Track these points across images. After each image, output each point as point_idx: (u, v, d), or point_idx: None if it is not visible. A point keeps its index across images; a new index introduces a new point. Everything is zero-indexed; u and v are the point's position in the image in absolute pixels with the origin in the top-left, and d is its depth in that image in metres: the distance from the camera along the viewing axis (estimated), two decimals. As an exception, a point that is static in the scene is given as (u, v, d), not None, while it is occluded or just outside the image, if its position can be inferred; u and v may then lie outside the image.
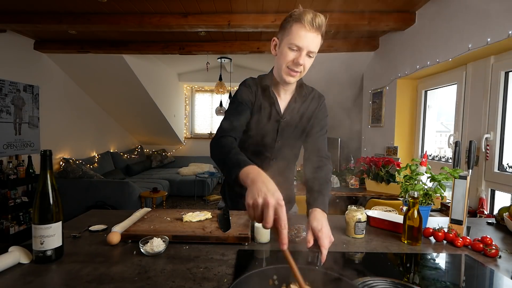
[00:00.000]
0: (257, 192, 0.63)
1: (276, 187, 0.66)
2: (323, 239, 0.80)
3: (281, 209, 0.61)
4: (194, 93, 7.16)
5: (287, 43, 0.99)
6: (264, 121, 1.15)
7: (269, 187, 0.64)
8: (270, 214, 0.60)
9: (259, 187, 0.64)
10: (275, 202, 0.61)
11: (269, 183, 0.66)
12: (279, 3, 2.53)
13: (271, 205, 0.60)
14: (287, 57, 1.01)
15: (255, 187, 0.65)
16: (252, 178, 0.69)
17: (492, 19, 1.76)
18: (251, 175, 0.70)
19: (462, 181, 1.10)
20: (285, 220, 0.61)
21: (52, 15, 2.78)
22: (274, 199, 0.61)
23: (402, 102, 2.91)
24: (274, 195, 0.62)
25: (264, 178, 0.68)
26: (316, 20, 0.94)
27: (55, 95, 4.18)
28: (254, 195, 0.63)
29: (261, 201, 0.62)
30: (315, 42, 0.98)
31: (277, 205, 0.61)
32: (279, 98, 1.16)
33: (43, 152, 0.82)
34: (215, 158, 0.92)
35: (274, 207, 0.61)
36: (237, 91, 1.16)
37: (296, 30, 0.96)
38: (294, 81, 1.08)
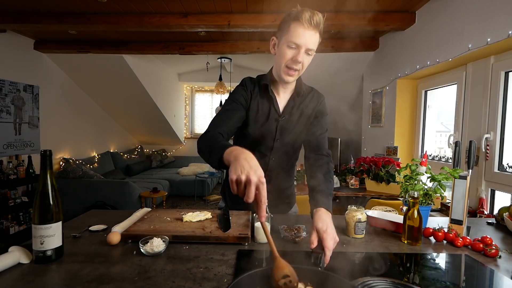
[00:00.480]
0: (240, 168, 0.66)
1: (258, 163, 0.68)
2: (328, 241, 0.80)
3: (262, 186, 0.65)
4: (194, 93, 7.16)
5: (286, 41, 1.00)
6: (263, 120, 1.15)
7: (252, 164, 0.66)
8: (252, 190, 0.64)
9: (242, 164, 0.67)
10: (257, 179, 0.64)
11: (252, 160, 0.68)
12: (279, 3, 2.53)
13: (253, 182, 0.64)
14: (286, 55, 1.01)
15: (238, 163, 0.67)
16: (235, 154, 0.71)
17: (492, 19, 1.76)
18: (234, 152, 0.73)
19: (462, 181, 1.10)
20: (265, 196, 0.65)
21: (52, 15, 2.78)
22: (256, 176, 0.64)
23: (402, 102, 2.91)
24: (256, 172, 0.65)
25: (247, 155, 0.70)
26: (314, 18, 0.95)
27: (55, 95, 4.18)
28: (237, 171, 0.66)
29: (244, 178, 0.64)
30: (313, 40, 0.99)
31: (259, 182, 0.64)
32: (278, 97, 1.16)
33: (43, 152, 0.82)
34: (202, 150, 0.94)
35: (256, 184, 0.64)
36: (233, 91, 1.17)
37: (294, 28, 0.97)
38: (293, 80, 1.09)
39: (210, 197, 5.41)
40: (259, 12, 2.70)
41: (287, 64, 1.03)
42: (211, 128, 1.02)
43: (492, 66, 1.91)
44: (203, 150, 0.93)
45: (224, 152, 0.76)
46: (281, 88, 1.16)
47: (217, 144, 0.85)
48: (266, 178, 0.67)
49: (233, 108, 1.10)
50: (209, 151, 0.87)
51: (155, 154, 6.64)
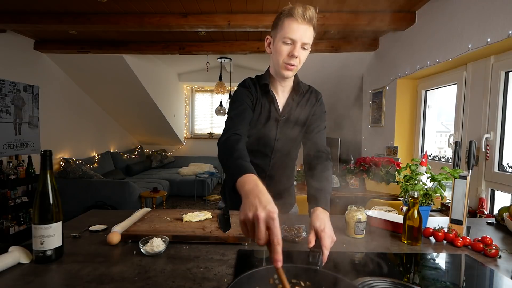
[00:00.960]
0: (248, 207, 0.60)
1: (271, 199, 0.61)
2: (326, 239, 0.80)
3: (273, 222, 0.56)
4: (194, 93, 7.16)
5: (281, 38, 1.01)
6: (263, 120, 1.15)
7: (261, 200, 0.60)
8: (261, 228, 0.56)
9: (251, 201, 0.61)
10: (265, 216, 0.57)
11: (263, 195, 0.62)
12: (279, 3, 2.53)
13: (261, 219, 0.56)
14: (283, 52, 1.02)
15: (248, 201, 0.61)
16: (246, 191, 0.65)
17: (492, 19, 1.76)
18: (246, 187, 0.66)
19: (462, 181, 1.10)
20: (278, 235, 0.56)
21: (52, 15, 2.78)
22: (264, 212, 0.57)
23: (402, 102, 2.91)
24: (266, 208, 0.58)
25: (258, 191, 0.64)
26: (307, 13, 0.97)
27: (55, 95, 4.18)
28: (245, 210, 0.60)
29: (251, 216, 0.58)
30: (308, 34, 1.00)
31: (268, 218, 0.57)
32: (277, 97, 1.16)
33: (43, 152, 0.82)
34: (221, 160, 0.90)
35: (265, 221, 0.57)
36: (237, 92, 1.16)
37: (288, 24, 0.99)
38: (292, 74, 1.09)
39: (210, 197, 5.41)
40: (259, 12, 2.70)
41: (285, 60, 1.04)
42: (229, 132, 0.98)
43: (492, 66, 1.91)
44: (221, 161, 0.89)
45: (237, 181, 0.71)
46: (280, 87, 1.16)
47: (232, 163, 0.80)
48: (267, 178, 0.66)
49: (245, 110, 1.08)
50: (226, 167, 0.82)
51: (155, 154, 6.64)
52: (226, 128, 1.02)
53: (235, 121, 1.03)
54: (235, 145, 0.89)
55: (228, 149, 0.88)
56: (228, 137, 0.94)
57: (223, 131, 1.01)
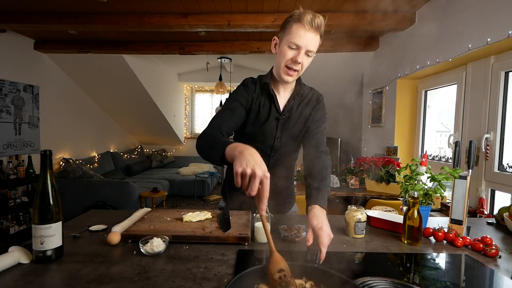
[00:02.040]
0: (246, 162, 0.67)
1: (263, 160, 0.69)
2: (323, 238, 0.80)
3: (266, 180, 0.66)
4: (194, 93, 7.16)
5: (287, 42, 1.02)
6: (263, 119, 1.16)
7: (256, 160, 0.68)
8: (257, 183, 0.65)
9: (248, 158, 0.68)
10: (262, 174, 0.65)
11: (257, 155, 0.69)
12: (279, 3, 2.53)
13: (258, 176, 0.65)
14: (286, 56, 1.04)
15: (243, 157, 0.68)
16: (240, 149, 0.72)
17: (492, 19, 1.76)
18: (239, 148, 0.73)
19: (462, 181, 1.10)
20: (267, 190, 0.66)
21: (52, 15, 2.78)
22: (261, 171, 0.66)
23: (402, 102, 2.91)
24: (261, 167, 0.66)
25: (252, 150, 0.71)
26: (315, 21, 0.98)
27: (55, 95, 4.18)
28: (243, 164, 0.67)
29: (249, 171, 0.65)
30: (314, 42, 1.01)
31: (263, 177, 0.66)
32: (278, 96, 1.17)
33: (43, 152, 0.82)
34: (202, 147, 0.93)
35: (260, 178, 0.65)
36: (234, 91, 1.18)
37: (296, 30, 0.99)
38: (292, 80, 1.11)
39: (210, 197, 5.41)
40: (259, 12, 2.70)
41: (287, 64, 1.05)
42: (212, 126, 1.02)
43: (492, 66, 1.91)
44: (203, 146, 0.93)
45: (227, 147, 0.77)
46: (281, 88, 1.17)
47: (218, 140, 0.87)
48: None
49: (234, 107, 1.11)
50: (209, 147, 0.88)
51: (155, 154, 6.64)
52: (212, 122, 1.05)
53: (220, 119, 1.06)
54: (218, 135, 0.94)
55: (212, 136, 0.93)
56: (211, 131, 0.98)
57: (209, 124, 1.04)
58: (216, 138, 0.90)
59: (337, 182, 2.88)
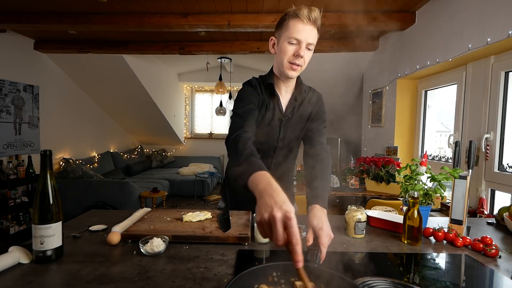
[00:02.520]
0: (264, 207, 0.59)
1: (286, 198, 0.60)
2: (323, 238, 0.80)
3: (290, 223, 0.55)
4: (194, 93, 7.16)
5: (287, 38, 1.02)
6: (268, 120, 1.15)
7: (276, 200, 0.59)
8: (279, 229, 0.55)
9: (266, 201, 0.60)
10: (282, 216, 0.56)
11: (277, 195, 0.60)
12: (279, 3, 2.53)
13: (278, 220, 0.55)
14: (288, 52, 1.03)
15: (263, 202, 0.60)
16: (260, 190, 0.64)
17: (492, 19, 1.76)
18: (260, 186, 0.65)
19: (462, 181, 1.10)
20: (296, 235, 0.55)
21: (52, 15, 2.78)
22: (281, 212, 0.56)
23: (402, 102, 2.91)
24: (282, 208, 0.57)
25: (272, 190, 0.62)
26: (312, 14, 0.99)
27: (55, 95, 4.17)
28: (261, 210, 0.59)
29: (267, 216, 0.57)
30: (313, 35, 1.02)
31: (285, 218, 0.55)
32: (281, 97, 1.17)
33: (43, 152, 0.82)
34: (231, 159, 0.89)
35: (281, 221, 0.55)
36: (244, 91, 1.14)
37: (294, 25, 1.00)
38: (296, 74, 1.10)
39: (210, 197, 5.41)
40: (259, 12, 2.70)
41: (290, 60, 1.05)
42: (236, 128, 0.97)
43: (492, 66, 1.91)
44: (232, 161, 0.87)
45: (250, 179, 0.70)
46: (283, 88, 1.16)
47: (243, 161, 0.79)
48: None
49: (252, 109, 1.07)
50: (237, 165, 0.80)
51: (155, 154, 6.64)
52: (234, 126, 0.99)
53: (243, 119, 1.02)
54: (246, 143, 0.88)
55: (238, 147, 0.86)
56: (237, 135, 0.92)
57: (231, 130, 0.99)
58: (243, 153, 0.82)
59: (337, 182, 2.88)
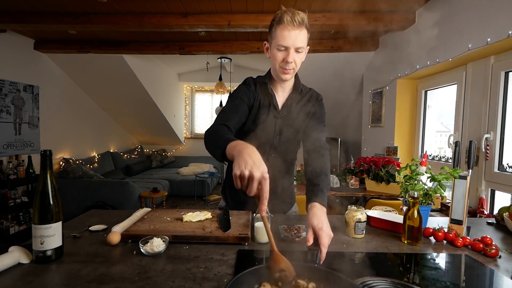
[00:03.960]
0: (244, 164, 0.66)
1: (262, 159, 0.68)
2: (324, 238, 0.80)
3: (265, 181, 0.65)
4: (194, 93, 7.16)
5: (275, 45, 1.06)
6: (262, 117, 1.17)
7: (255, 160, 0.66)
8: (255, 186, 0.64)
9: (245, 159, 0.67)
10: (260, 175, 0.64)
11: (255, 155, 0.68)
12: (279, 3, 2.53)
13: (256, 178, 0.64)
14: (278, 58, 1.07)
15: (242, 158, 0.67)
16: (238, 149, 0.71)
17: (492, 19, 1.76)
18: (238, 147, 0.73)
19: (462, 181, 1.10)
20: (267, 191, 0.65)
21: (53, 15, 2.78)
22: (259, 172, 0.64)
23: (402, 102, 2.91)
24: (260, 168, 0.65)
25: (250, 150, 0.70)
26: (296, 18, 1.00)
27: (55, 95, 4.17)
28: (241, 166, 0.66)
29: (247, 173, 0.65)
30: (300, 38, 1.03)
31: (262, 178, 0.65)
32: (277, 95, 1.20)
33: (43, 152, 0.82)
34: (207, 143, 0.94)
35: (258, 179, 0.64)
36: (236, 89, 1.20)
37: (280, 32, 1.02)
38: (290, 77, 1.13)
39: (210, 197, 5.41)
40: (259, 12, 2.70)
41: (281, 65, 1.08)
42: (217, 122, 1.03)
43: (492, 66, 1.91)
44: (208, 142, 0.94)
45: (227, 146, 0.77)
46: (280, 87, 1.20)
47: (221, 137, 0.86)
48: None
49: (238, 104, 1.12)
50: (213, 143, 0.88)
51: (155, 154, 6.64)
52: (216, 120, 1.05)
53: (226, 114, 1.07)
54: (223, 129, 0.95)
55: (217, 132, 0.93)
56: (216, 126, 0.98)
57: (215, 120, 1.05)
58: (219, 134, 0.90)
59: (337, 182, 2.87)
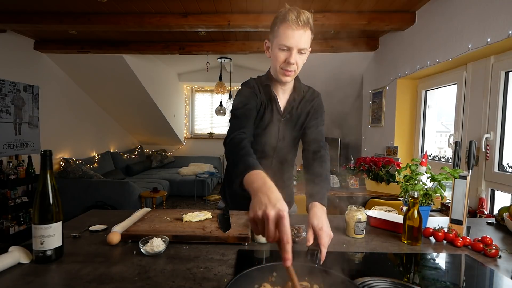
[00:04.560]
0: (258, 205, 0.59)
1: (280, 196, 0.61)
2: (324, 238, 0.80)
3: (282, 221, 0.56)
4: (194, 93, 7.16)
5: (277, 45, 1.01)
6: (266, 121, 1.16)
7: (271, 198, 0.60)
8: (271, 227, 0.56)
9: (260, 199, 0.60)
10: (275, 214, 0.56)
11: (272, 193, 0.61)
12: (279, 3, 2.53)
13: (271, 218, 0.56)
14: (279, 58, 1.03)
15: (257, 199, 0.61)
16: (254, 188, 0.65)
17: (492, 19, 1.76)
18: (254, 185, 0.66)
19: (462, 181, 1.10)
20: (288, 233, 0.55)
21: (53, 15, 2.78)
22: (274, 210, 0.57)
23: (402, 102, 2.91)
24: (275, 206, 0.57)
25: (267, 188, 0.63)
26: (301, 18, 0.95)
27: (55, 95, 4.17)
28: (255, 207, 0.60)
29: (260, 214, 0.58)
30: (304, 39, 0.99)
31: (278, 217, 0.56)
32: (278, 98, 1.17)
33: (43, 152, 0.82)
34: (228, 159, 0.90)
35: (274, 220, 0.56)
36: (242, 92, 1.15)
37: (283, 31, 0.98)
38: (290, 79, 1.10)
39: (210, 197, 5.41)
40: (259, 12, 2.70)
41: (282, 66, 1.04)
42: (234, 129, 0.99)
43: (492, 66, 1.91)
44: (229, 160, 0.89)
45: (245, 177, 0.71)
46: (281, 89, 1.17)
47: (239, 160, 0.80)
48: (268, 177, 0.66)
49: (250, 109, 1.08)
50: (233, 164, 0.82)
51: (155, 154, 6.64)
52: (231, 127, 1.01)
53: (241, 121, 1.03)
54: (241, 143, 0.89)
55: (234, 147, 0.88)
56: (234, 136, 0.94)
57: (229, 131, 1.01)
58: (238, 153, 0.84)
59: (337, 182, 2.87)
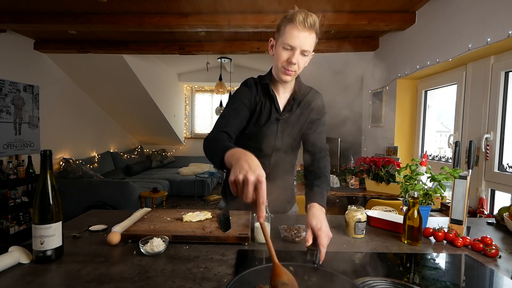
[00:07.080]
0: (239, 169, 0.65)
1: (259, 164, 0.67)
2: (323, 238, 0.81)
3: (260, 185, 0.63)
4: (194, 93, 7.16)
5: (282, 44, 1.03)
6: (264, 120, 1.16)
7: (251, 165, 0.65)
8: (250, 190, 0.62)
9: (241, 165, 0.66)
10: (254, 178, 0.62)
11: (252, 161, 0.67)
12: (279, 3, 2.53)
13: (250, 181, 0.62)
14: (282, 57, 1.04)
15: (238, 165, 0.66)
16: (236, 157, 0.70)
17: (492, 19, 1.76)
18: (236, 155, 0.72)
19: (462, 181, 1.10)
20: (263, 196, 0.63)
21: (52, 15, 2.78)
22: (254, 175, 0.63)
23: (402, 102, 2.91)
24: (255, 172, 0.63)
25: (248, 157, 0.69)
26: (308, 20, 0.97)
27: (55, 95, 4.18)
28: (236, 172, 0.65)
29: (241, 178, 0.63)
30: (308, 41, 1.01)
31: (257, 181, 0.63)
32: (278, 97, 1.18)
33: (43, 152, 0.82)
34: (207, 151, 0.93)
35: (253, 183, 0.62)
36: (237, 90, 1.18)
37: (289, 31, 1.00)
38: (291, 79, 1.11)
39: (210, 197, 5.41)
40: (259, 12, 2.70)
41: (283, 65, 1.06)
42: (216, 128, 1.01)
43: (492, 66, 1.91)
44: (208, 150, 0.92)
45: (226, 154, 0.75)
46: (281, 88, 1.18)
47: (220, 144, 0.85)
48: (268, 177, 0.67)
49: (238, 107, 1.10)
50: (212, 152, 0.86)
51: (155, 154, 6.64)
52: (215, 125, 1.04)
53: (226, 120, 1.05)
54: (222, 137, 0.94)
55: (216, 140, 0.92)
56: (216, 134, 0.97)
57: (214, 125, 1.04)
58: (219, 142, 0.89)
59: (337, 182, 2.87)
